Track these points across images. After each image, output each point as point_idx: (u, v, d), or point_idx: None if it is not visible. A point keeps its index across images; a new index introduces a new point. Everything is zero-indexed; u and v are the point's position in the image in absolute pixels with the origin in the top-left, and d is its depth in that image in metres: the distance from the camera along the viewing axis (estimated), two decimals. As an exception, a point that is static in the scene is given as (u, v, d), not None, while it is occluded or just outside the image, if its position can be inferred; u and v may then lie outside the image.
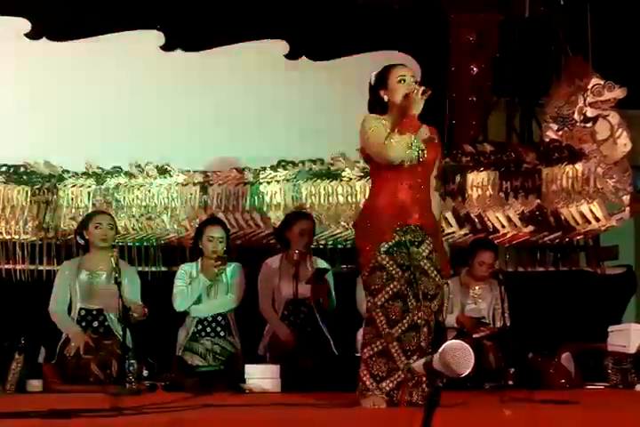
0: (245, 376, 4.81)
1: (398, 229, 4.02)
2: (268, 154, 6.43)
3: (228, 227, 5.86)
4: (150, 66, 6.60)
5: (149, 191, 6.24)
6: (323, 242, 6.22)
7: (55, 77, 6.44)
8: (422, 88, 3.99)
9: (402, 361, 3.95)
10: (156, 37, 6.68)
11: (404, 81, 4.06)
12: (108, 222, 5.41)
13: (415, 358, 3.91)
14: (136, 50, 6.57)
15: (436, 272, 4.06)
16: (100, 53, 6.51)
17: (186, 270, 5.49)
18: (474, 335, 5.34)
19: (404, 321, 3.97)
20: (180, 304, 5.41)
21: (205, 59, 6.71)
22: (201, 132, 6.54)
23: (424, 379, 3.91)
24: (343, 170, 6.35)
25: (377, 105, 4.11)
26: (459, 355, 2.46)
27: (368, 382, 3.96)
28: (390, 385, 3.95)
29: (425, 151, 4.02)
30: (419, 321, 3.98)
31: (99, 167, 6.24)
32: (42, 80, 6.41)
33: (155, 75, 6.59)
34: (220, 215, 6.16)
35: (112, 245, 5.32)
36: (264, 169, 6.37)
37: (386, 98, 4.08)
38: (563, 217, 6.38)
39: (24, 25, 6.49)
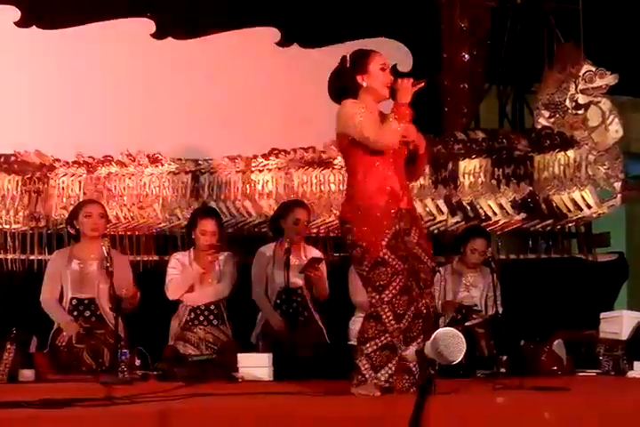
0: (238, 365, 4.82)
1: (393, 215, 4.01)
2: (260, 142, 6.42)
3: (220, 215, 5.86)
4: (141, 54, 6.56)
5: (141, 180, 6.22)
6: (315, 230, 6.21)
7: (45, 66, 6.41)
8: (411, 79, 3.99)
9: (401, 348, 3.94)
10: (146, 25, 6.65)
11: (385, 69, 4.05)
12: (98, 212, 5.39)
13: (415, 344, 3.91)
14: (126, 38, 6.54)
15: (427, 257, 4.07)
16: (90, 41, 6.47)
17: (178, 259, 5.48)
18: (466, 323, 5.36)
19: (409, 312, 3.95)
20: (172, 293, 5.40)
21: (196, 47, 6.69)
22: (192, 121, 6.52)
23: (417, 366, 3.92)
24: (335, 158, 6.33)
25: (351, 89, 4.05)
26: (450, 342, 2.46)
27: (367, 374, 3.95)
28: (389, 372, 3.94)
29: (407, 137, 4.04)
30: (422, 308, 3.99)
31: (90, 156, 6.22)
32: (32, 68, 6.38)
33: (146, 63, 6.56)
34: (212, 204, 6.15)
35: (103, 235, 5.31)
36: (255, 157, 6.35)
37: (365, 84, 4.04)
38: (554, 204, 6.38)
39: (13, 13, 6.45)
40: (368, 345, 3.96)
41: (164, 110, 6.52)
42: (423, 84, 3.99)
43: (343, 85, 4.06)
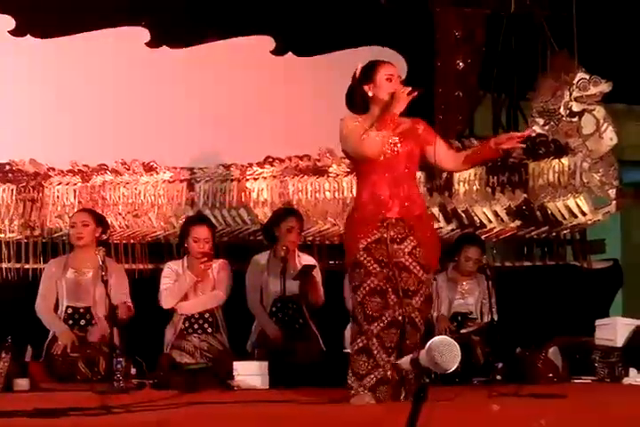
0: (233, 373, 4.81)
1: (379, 224, 4.02)
2: (255, 150, 6.42)
3: (215, 224, 5.86)
4: (135, 63, 6.57)
5: (136, 189, 6.22)
6: (310, 238, 6.21)
7: (39, 75, 6.41)
8: (410, 88, 4.00)
9: (382, 358, 3.95)
10: (141, 34, 6.66)
11: (392, 80, 4.08)
12: (81, 220, 5.39)
13: (395, 355, 3.92)
14: (121, 47, 6.54)
15: (418, 268, 4.05)
16: (84, 50, 6.47)
17: (172, 268, 5.48)
18: (461, 330, 5.36)
19: (384, 318, 3.97)
20: (166, 302, 5.40)
21: (191, 55, 6.69)
22: (187, 129, 6.52)
23: (410, 375, 3.91)
24: (330, 166, 6.34)
25: (358, 99, 4.10)
26: (445, 351, 2.46)
27: (350, 381, 3.99)
28: (371, 382, 3.96)
29: (399, 145, 4.04)
30: (399, 318, 3.98)
31: (84, 165, 6.22)
32: (26, 77, 6.38)
33: (140, 71, 6.56)
34: (207, 212, 6.16)
35: (98, 243, 5.31)
36: (251, 165, 6.36)
37: (370, 93, 4.09)
38: (549, 211, 6.39)
39: (8, 22, 6.45)
40: (350, 348, 4.06)
41: (158, 119, 6.52)
42: (416, 93, 4.01)
43: (353, 96, 4.13)
